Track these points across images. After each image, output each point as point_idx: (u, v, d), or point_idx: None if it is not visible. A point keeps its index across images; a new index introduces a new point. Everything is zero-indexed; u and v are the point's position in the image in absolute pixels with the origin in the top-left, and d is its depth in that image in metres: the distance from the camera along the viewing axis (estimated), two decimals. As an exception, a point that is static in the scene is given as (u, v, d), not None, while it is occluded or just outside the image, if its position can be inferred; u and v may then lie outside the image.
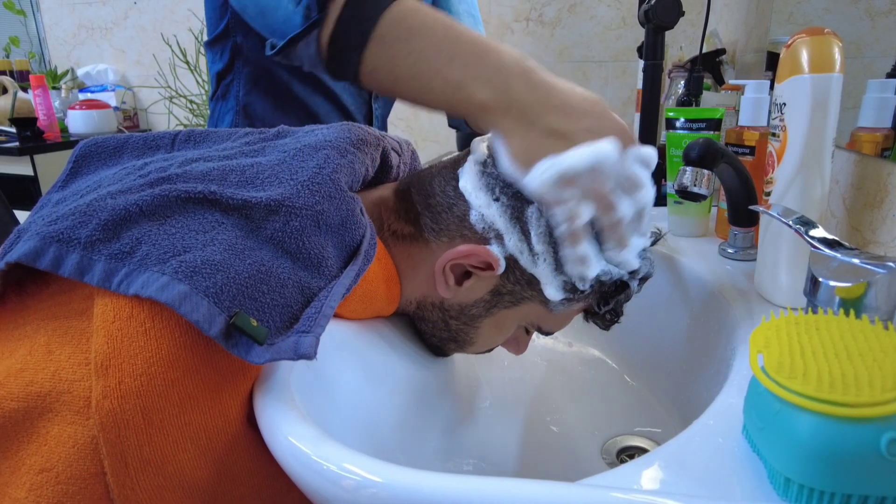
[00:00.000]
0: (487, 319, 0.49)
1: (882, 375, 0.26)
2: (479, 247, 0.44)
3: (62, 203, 0.40)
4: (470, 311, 0.48)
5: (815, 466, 0.26)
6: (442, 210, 0.46)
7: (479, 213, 0.45)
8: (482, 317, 0.48)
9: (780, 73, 0.49)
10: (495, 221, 0.44)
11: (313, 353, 0.35)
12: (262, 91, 0.77)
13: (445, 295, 0.47)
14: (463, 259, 0.45)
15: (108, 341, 0.33)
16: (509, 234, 0.44)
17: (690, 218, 0.71)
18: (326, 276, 0.40)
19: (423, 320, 0.51)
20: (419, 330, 0.52)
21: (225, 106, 0.79)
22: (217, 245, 0.36)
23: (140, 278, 0.34)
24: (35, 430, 0.33)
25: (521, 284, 0.46)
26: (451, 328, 0.50)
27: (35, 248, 0.35)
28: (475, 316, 0.48)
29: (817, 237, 0.41)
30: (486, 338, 0.51)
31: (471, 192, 0.45)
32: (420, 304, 0.50)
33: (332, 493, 0.30)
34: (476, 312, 0.48)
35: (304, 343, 0.35)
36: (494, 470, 0.52)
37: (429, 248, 0.47)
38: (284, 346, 0.35)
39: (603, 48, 1.60)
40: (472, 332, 0.50)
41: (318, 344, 0.35)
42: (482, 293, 0.47)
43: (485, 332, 0.50)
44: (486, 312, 0.48)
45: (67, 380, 0.33)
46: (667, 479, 0.30)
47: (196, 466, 0.34)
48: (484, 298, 0.47)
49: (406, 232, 0.48)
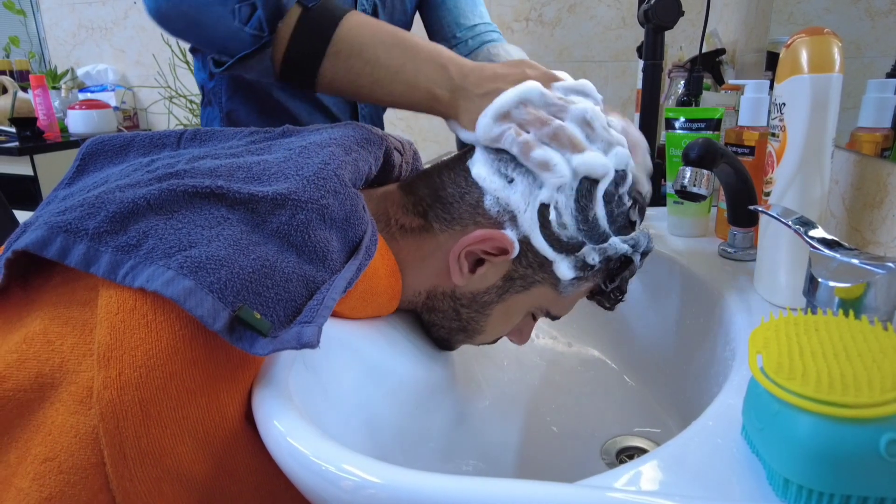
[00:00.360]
0: (499, 306, 0.50)
1: (881, 376, 0.26)
2: (494, 231, 0.46)
3: (69, 198, 0.40)
4: (482, 297, 0.49)
5: (814, 467, 0.26)
6: (454, 200, 0.48)
7: (493, 196, 0.46)
8: (493, 303, 0.49)
9: (779, 73, 0.48)
10: (510, 202, 0.46)
11: (316, 342, 0.35)
12: (243, 98, 0.77)
13: (459, 283, 0.48)
14: (478, 245, 0.46)
15: (110, 332, 0.33)
16: (523, 211, 0.46)
17: (690, 218, 0.71)
18: (330, 270, 0.40)
19: (432, 311, 0.51)
20: (427, 321, 0.53)
21: (212, 112, 0.79)
22: (222, 241, 0.36)
23: (146, 271, 0.34)
24: (43, 420, 0.33)
25: (532, 268, 0.47)
26: (461, 317, 0.50)
27: (43, 237, 0.35)
28: (487, 303, 0.49)
29: (817, 237, 0.41)
30: (495, 326, 0.51)
31: (485, 177, 0.47)
32: (430, 294, 0.50)
33: (331, 493, 0.30)
34: (488, 299, 0.49)
35: (306, 332, 0.35)
36: (494, 470, 0.52)
37: (438, 239, 0.48)
38: (287, 336, 0.35)
39: (603, 48, 1.60)
40: (483, 319, 0.50)
41: (320, 332, 0.35)
42: (495, 279, 0.48)
43: (494, 319, 0.51)
44: (498, 298, 0.49)
45: (72, 370, 0.34)
46: (666, 479, 0.30)
47: (194, 460, 0.34)
48: (496, 284, 0.48)
49: (415, 225, 0.49)
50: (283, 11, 0.46)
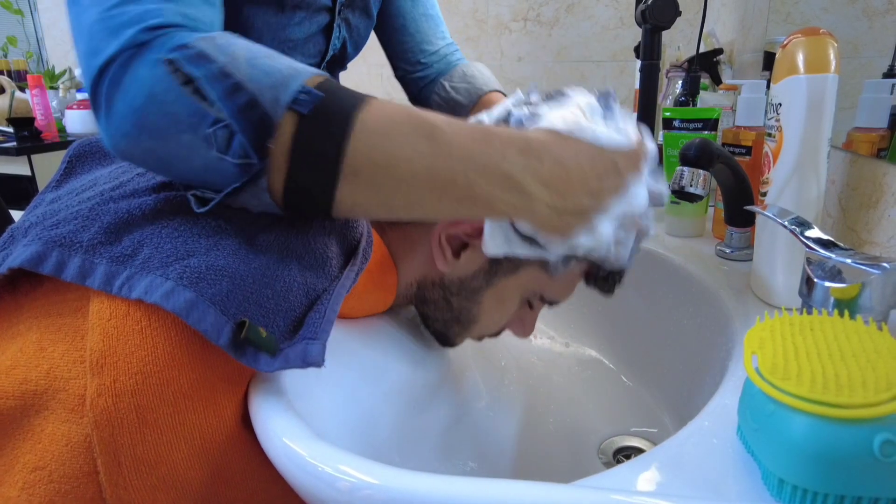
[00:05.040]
0: (489, 291, 0.49)
1: (875, 377, 0.26)
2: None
3: (57, 202, 0.40)
4: (470, 284, 0.48)
5: (809, 467, 0.26)
6: None
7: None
8: (483, 289, 0.49)
9: (775, 74, 0.49)
10: None
11: (321, 361, 0.35)
12: None
13: (444, 269, 0.48)
14: (457, 228, 0.45)
15: (103, 339, 0.33)
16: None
17: (687, 218, 0.72)
18: (329, 276, 0.40)
19: (425, 302, 0.51)
20: (422, 315, 0.53)
21: None
22: (221, 249, 0.36)
23: (142, 282, 0.33)
24: (30, 428, 0.33)
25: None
26: (452, 306, 0.50)
27: (38, 253, 0.35)
28: (476, 289, 0.49)
29: (812, 238, 0.41)
30: (489, 313, 0.51)
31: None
32: (420, 284, 0.50)
33: (327, 494, 0.30)
34: (476, 285, 0.48)
35: (311, 351, 0.35)
36: (491, 470, 0.52)
37: (424, 226, 0.48)
38: (292, 354, 0.35)
39: (601, 48, 1.60)
40: (475, 307, 0.50)
41: (325, 351, 0.35)
42: (481, 263, 0.47)
43: (487, 306, 0.50)
44: (487, 283, 0.48)
45: (62, 378, 0.33)
46: (661, 480, 0.30)
47: (189, 467, 0.34)
48: (483, 268, 0.48)
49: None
50: (272, 126, 0.32)
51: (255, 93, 0.32)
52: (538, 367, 0.71)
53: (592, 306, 0.74)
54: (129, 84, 0.32)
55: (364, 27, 0.66)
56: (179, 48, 0.32)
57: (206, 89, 0.32)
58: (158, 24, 0.33)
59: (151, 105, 0.32)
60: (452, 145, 0.35)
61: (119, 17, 0.33)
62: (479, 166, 0.35)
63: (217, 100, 0.32)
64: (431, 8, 0.75)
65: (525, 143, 0.37)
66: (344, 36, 0.61)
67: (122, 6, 0.33)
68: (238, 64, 0.32)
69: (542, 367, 0.71)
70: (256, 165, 0.33)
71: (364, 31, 0.66)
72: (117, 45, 0.32)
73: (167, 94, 0.32)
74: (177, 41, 0.32)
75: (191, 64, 0.32)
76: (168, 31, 0.33)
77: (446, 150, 0.35)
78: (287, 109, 0.32)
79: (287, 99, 0.32)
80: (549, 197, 0.37)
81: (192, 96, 0.32)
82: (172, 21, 0.33)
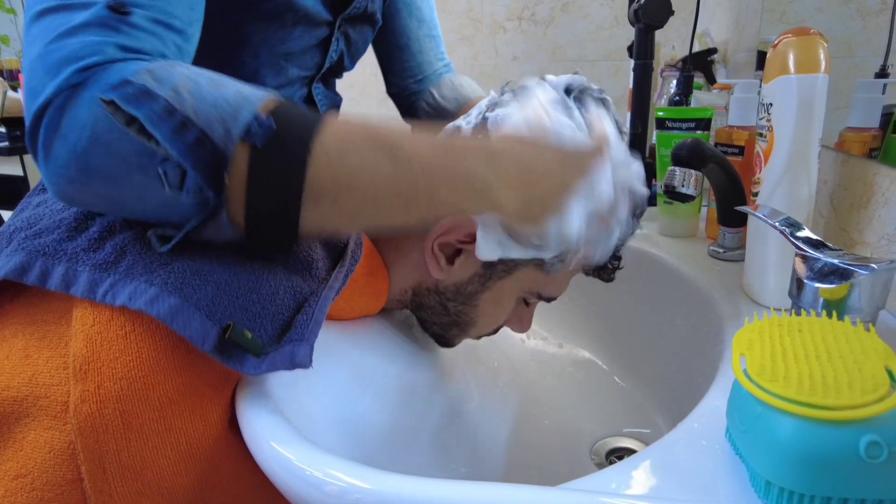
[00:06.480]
0: (485, 294, 0.49)
1: (861, 378, 0.26)
2: (459, 218, 0.44)
3: (43, 205, 0.40)
4: (466, 288, 0.48)
5: (796, 469, 0.26)
6: None
7: None
8: (479, 293, 0.48)
9: (766, 74, 0.49)
10: None
11: (309, 363, 0.35)
12: None
13: (439, 276, 0.47)
14: (449, 235, 0.45)
15: (87, 345, 0.32)
16: None
17: (680, 219, 0.72)
18: (316, 279, 0.40)
19: (421, 308, 0.51)
20: (419, 319, 0.53)
21: None
22: (206, 254, 0.35)
23: (126, 289, 0.33)
24: (11, 436, 0.32)
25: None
26: (449, 311, 0.50)
27: (22, 263, 0.35)
28: (472, 293, 0.49)
29: (802, 238, 0.41)
30: (486, 315, 0.50)
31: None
32: (416, 290, 0.50)
33: (316, 498, 0.29)
34: (472, 289, 0.48)
35: (298, 353, 0.35)
36: (483, 472, 0.52)
37: (415, 234, 0.47)
38: (279, 356, 0.34)
39: (596, 47, 1.60)
40: (472, 311, 0.50)
41: (312, 352, 0.35)
42: (475, 267, 0.47)
43: (484, 308, 0.50)
44: (483, 287, 0.48)
45: (45, 384, 0.33)
46: (650, 482, 0.30)
47: (176, 472, 0.34)
48: (478, 273, 0.47)
49: None
50: (225, 160, 0.31)
51: (204, 128, 0.30)
52: (531, 367, 0.71)
53: (586, 307, 0.74)
54: (67, 128, 0.30)
55: (363, 41, 0.66)
56: (118, 86, 0.30)
57: (151, 130, 0.30)
58: (94, 62, 0.31)
59: (96, 147, 0.30)
60: (412, 160, 0.34)
61: (56, 54, 0.31)
62: (441, 177, 0.35)
63: (164, 140, 0.30)
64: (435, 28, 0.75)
65: (488, 152, 0.37)
66: (342, 49, 0.61)
67: (61, 40, 0.31)
68: (182, 98, 0.30)
69: (535, 368, 0.71)
70: (213, 201, 0.32)
71: (362, 45, 0.66)
72: (53, 86, 0.30)
73: (110, 133, 0.30)
74: (115, 77, 0.30)
75: (131, 104, 0.30)
76: (106, 66, 0.31)
77: (406, 165, 0.34)
78: (239, 142, 0.31)
79: (239, 132, 0.31)
80: (514, 192, 0.37)
81: (137, 136, 0.30)
82: (111, 57, 0.31)
